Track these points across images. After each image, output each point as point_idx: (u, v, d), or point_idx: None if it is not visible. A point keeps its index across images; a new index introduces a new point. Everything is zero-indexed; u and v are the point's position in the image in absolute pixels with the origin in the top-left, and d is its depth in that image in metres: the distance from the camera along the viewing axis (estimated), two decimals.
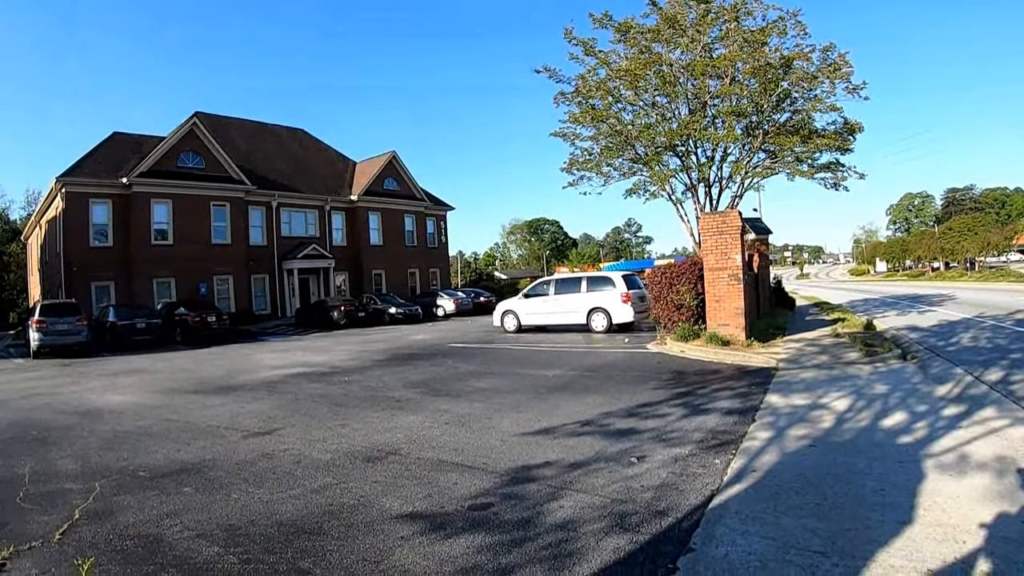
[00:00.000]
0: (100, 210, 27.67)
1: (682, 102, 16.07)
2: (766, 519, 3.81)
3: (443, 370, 11.77)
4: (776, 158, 16.48)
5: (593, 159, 17.50)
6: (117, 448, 6.57)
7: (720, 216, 13.00)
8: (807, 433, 5.81)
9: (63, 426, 8.04)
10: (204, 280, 30.03)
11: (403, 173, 41.20)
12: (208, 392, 10.47)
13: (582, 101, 16.77)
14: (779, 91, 15.14)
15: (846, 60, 15.04)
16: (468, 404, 8.15)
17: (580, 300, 18.29)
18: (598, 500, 4.27)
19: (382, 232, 39.52)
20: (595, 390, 8.75)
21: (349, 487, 4.83)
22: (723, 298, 12.59)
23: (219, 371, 13.57)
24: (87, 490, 5.04)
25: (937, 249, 68.27)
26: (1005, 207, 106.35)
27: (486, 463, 5.31)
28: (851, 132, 16.23)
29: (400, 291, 37.12)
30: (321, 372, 12.41)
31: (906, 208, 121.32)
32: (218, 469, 5.54)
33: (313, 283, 36.07)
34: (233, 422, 7.74)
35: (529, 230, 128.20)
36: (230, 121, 37.35)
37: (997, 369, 8.41)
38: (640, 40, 15.62)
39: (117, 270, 27.59)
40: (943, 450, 5.06)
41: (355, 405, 8.53)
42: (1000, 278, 46.03)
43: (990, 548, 3.29)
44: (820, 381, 8.56)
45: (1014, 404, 6.39)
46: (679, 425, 6.39)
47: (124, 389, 11.44)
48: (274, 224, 34.13)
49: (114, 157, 28.76)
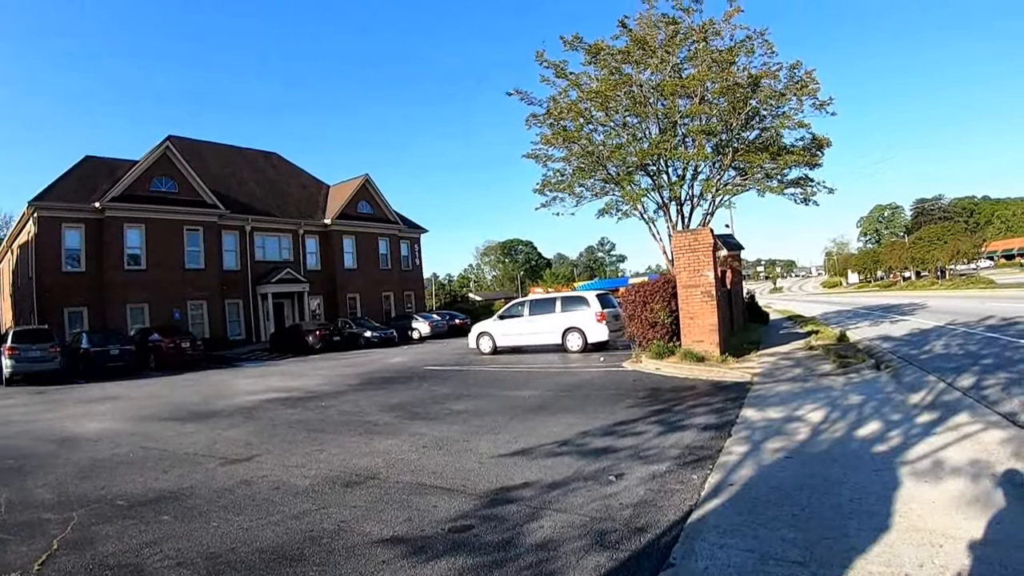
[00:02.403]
0: (73, 235, 27.29)
1: (653, 122, 16.22)
2: (744, 532, 3.84)
3: (420, 393, 11.71)
4: (746, 175, 16.70)
5: (565, 180, 17.55)
6: (94, 476, 6.45)
7: (692, 234, 13.13)
8: (783, 446, 5.87)
9: (40, 454, 7.89)
10: (178, 306, 29.65)
11: (376, 196, 41.21)
12: (184, 419, 10.30)
13: (554, 123, 16.84)
14: (748, 109, 15.36)
15: (813, 77, 15.32)
16: (446, 427, 8.11)
17: (555, 320, 18.34)
18: (577, 519, 4.27)
19: (356, 255, 39.42)
20: (572, 410, 8.74)
21: (329, 512, 4.78)
22: (697, 315, 12.68)
23: (195, 397, 13.36)
24: (65, 519, 4.94)
25: (908, 259, 69.53)
26: (973, 215, 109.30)
27: (465, 485, 5.28)
28: (819, 147, 16.49)
29: (375, 314, 37.01)
30: (297, 397, 12.28)
31: (876, 220, 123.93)
32: (197, 497, 5.45)
33: (288, 307, 35.77)
34: (210, 449, 7.63)
35: (503, 251, 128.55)
36: (203, 145, 37.11)
37: (969, 375, 8.56)
38: (610, 62, 15.79)
39: (90, 296, 27.14)
40: (918, 457, 5.15)
41: (332, 430, 8.44)
42: (971, 285, 47.13)
43: (968, 551, 3.35)
44: (795, 394, 8.66)
45: (987, 409, 6.52)
46: (656, 442, 6.42)
47: (100, 416, 11.24)
48: (248, 248, 33.86)
49: (87, 181, 28.43)
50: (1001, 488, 4.24)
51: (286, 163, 42.52)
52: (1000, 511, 3.86)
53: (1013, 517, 3.76)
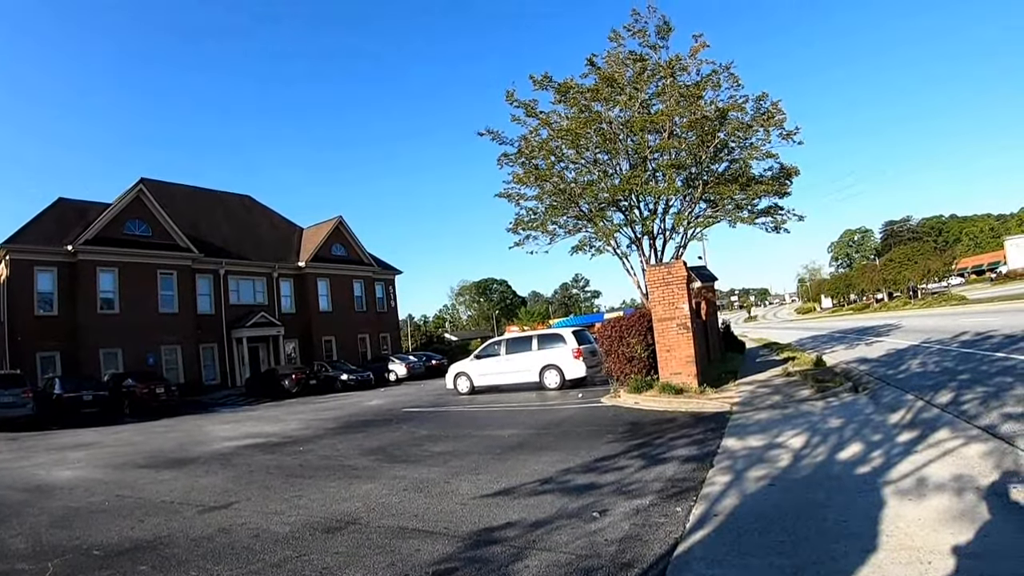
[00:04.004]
0: (45, 278, 26.95)
1: (623, 158, 16.46)
2: (732, 561, 3.82)
3: (399, 435, 11.54)
4: (717, 207, 16.96)
5: (538, 218, 17.59)
6: (69, 526, 6.25)
7: (666, 267, 13.23)
8: (766, 473, 5.87)
9: (12, 503, 7.67)
10: (152, 350, 29.24)
11: (350, 238, 41.24)
12: (160, 466, 10.04)
13: (525, 161, 17.01)
14: (716, 142, 15.62)
15: (779, 108, 15.68)
16: (426, 469, 7.99)
17: (532, 358, 18.27)
18: (563, 557, 4.21)
19: (331, 298, 39.28)
20: (552, 447, 8.66)
21: (310, 559, 4.66)
22: (673, 347, 12.69)
23: (170, 444, 13.06)
24: (40, 570, 4.78)
25: (880, 281, 70.33)
26: (942, 234, 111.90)
27: (447, 528, 5.20)
28: (788, 176, 16.78)
29: (351, 357, 36.69)
30: (275, 442, 12.05)
31: (847, 244, 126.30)
32: (175, 546, 5.29)
33: (263, 351, 35.40)
34: (187, 497, 7.43)
35: (478, 291, 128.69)
36: (176, 188, 36.96)
37: (947, 391, 8.60)
38: (580, 100, 16.03)
39: (63, 340, 26.66)
40: (901, 475, 5.18)
41: (311, 475, 8.28)
42: (943, 303, 48.00)
43: (956, 566, 3.36)
44: (775, 421, 8.69)
45: (966, 423, 6.53)
46: (638, 476, 6.38)
47: (74, 464, 10.96)
48: (222, 292, 33.60)
49: (59, 224, 28.20)
50: (986, 501, 4.27)
51: (259, 205, 42.47)
52: (986, 524, 3.89)
53: (999, 529, 3.79)
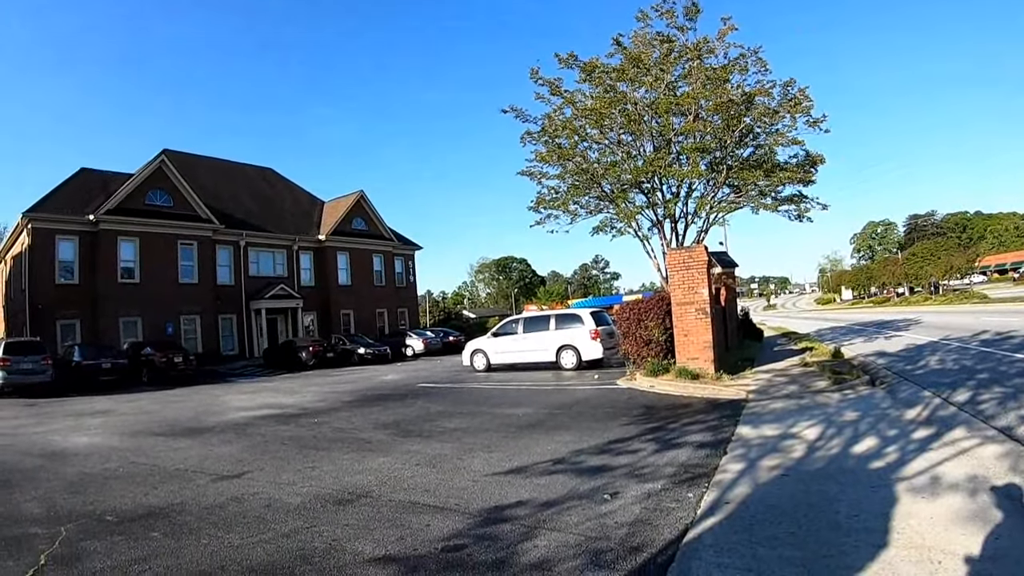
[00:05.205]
0: (67, 247, 27.24)
1: (647, 140, 16.30)
2: (741, 550, 3.80)
3: (413, 411, 11.61)
4: (740, 192, 16.76)
5: (560, 197, 17.55)
6: (83, 491, 6.36)
7: (686, 251, 13.14)
8: (779, 463, 5.83)
9: (28, 468, 7.80)
10: (171, 319, 29.57)
11: (371, 213, 41.27)
12: (176, 434, 10.19)
13: (548, 140, 16.89)
14: (742, 127, 15.44)
15: (806, 95, 15.39)
16: (439, 445, 8.04)
17: (549, 338, 18.26)
18: (572, 538, 4.21)
19: (350, 272, 39.40)
20: (566, 428, 8.68)
21: (320, 531, 4.71)
22: (691, 332, 12.64)
23: (186, 413, 13.23)
24: (53, 535, 4.86)
25: (901, 275, 69.58)
26: (967, 231, 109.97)
27: (458, 504, 5.22)
28: (813, 164, 16.54)
29: (369, 331, 36.87)
30: (290, 414, 12.18)
31: (869, 236, 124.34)
32: (187, 513, 5.37)
33: (281, 323, 35.66)
34: (201, 465, 7.54)
35: (497, 269, 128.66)
36: (198, 159, 37.15)
37: (965, 390, 8.51)
38: (605, 79, 15.85)
39: (83, 308, 27.03)
40: (915, 473, 5.12)
41: (325, 447, 8.36)
42: (964, 300, 47.25)
43: (966, 567, 3.32)
44: (790, 411, 8.63)
45: (983, 423, 6.47)
46: (651, 460, 6.37)
47: (90, 431, 11.12)
48: (242, 264, 33.81)
49: (82, 193, 28.43)
50: (999, 503, 4.21)
51: (281, 179, 42.62)
52: (998, 526, 3.84)
53: (1011, 532, 3.73)
